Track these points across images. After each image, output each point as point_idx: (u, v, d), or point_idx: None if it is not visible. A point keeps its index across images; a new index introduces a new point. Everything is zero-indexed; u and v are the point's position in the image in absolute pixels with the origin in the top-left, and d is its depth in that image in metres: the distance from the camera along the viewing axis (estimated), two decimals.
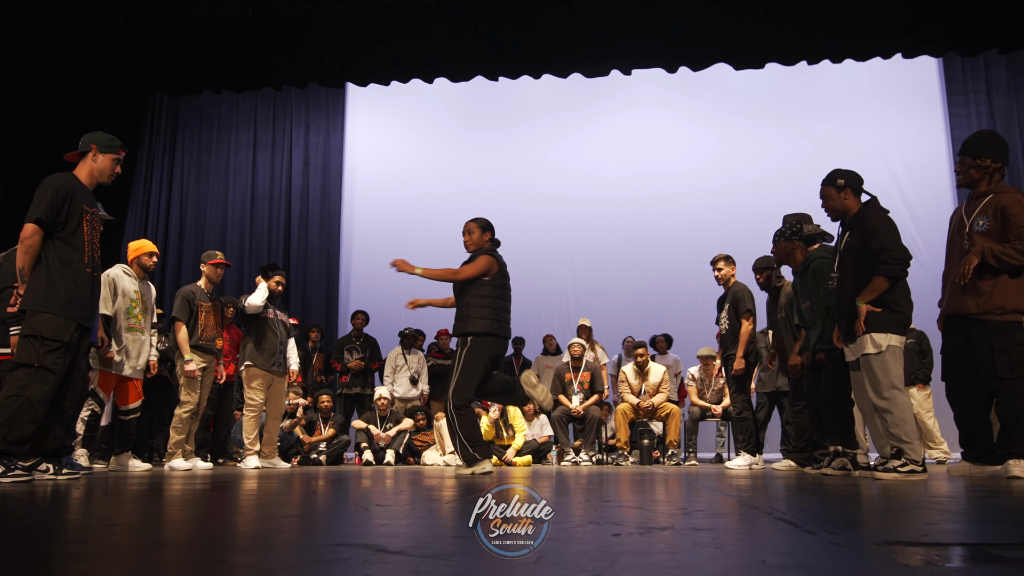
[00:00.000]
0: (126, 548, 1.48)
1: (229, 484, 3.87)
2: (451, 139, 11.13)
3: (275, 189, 10.76)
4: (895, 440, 3.75)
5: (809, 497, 2.71)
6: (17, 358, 3.75)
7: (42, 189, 3.84)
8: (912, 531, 1.64)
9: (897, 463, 3.73)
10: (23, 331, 3.71)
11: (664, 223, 10.36)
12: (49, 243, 3.80)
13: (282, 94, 10.59)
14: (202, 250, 10.09)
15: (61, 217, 3.82)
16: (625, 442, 7.60)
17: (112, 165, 4.10)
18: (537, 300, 10.45)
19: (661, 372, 7.87)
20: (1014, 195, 3.79)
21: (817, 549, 1.37)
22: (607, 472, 5.43)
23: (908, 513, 2.08)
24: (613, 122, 10.88)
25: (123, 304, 5.42)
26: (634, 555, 1.30)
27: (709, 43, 8.70)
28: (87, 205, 3.95)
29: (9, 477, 3.57)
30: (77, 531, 1.82)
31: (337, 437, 7.85)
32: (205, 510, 2.42)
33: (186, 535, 1.75)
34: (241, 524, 1.94)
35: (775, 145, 10.36)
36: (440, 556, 1.31)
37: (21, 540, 1.62)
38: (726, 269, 6.23)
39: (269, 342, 6.42)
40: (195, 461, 6.11)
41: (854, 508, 2.36)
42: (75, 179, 3.98)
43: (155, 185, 10.55)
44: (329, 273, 10.57)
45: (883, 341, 3.78)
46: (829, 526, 1.73)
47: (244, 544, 1.52)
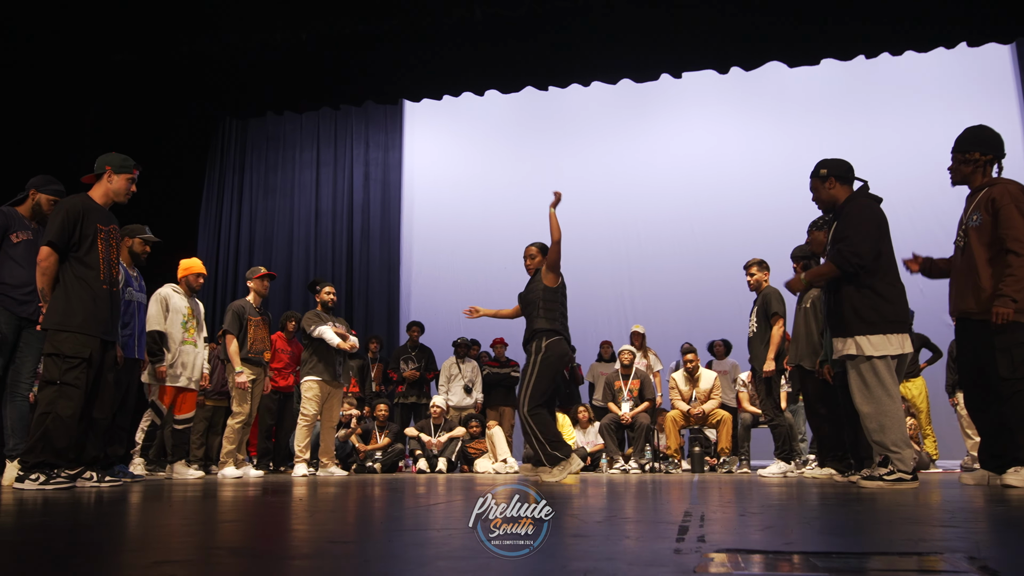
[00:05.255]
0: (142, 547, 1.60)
1: (278, 490, 4.03)
2: (505, 149, 11.25)
3: (337, 205, 11.13)
4: (880, 448, 3.61)
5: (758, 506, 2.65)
6: (43, 377, 4.00)
7: (54, 213, 4.08)
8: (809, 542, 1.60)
9: (883, 471, 3.58)
10: (46, 350, 3.95)
11: (721, 226, 10.18)
12: (66, 264, 4.02)
13: (341, 113, 10.95)
14: (270, 266, 10.55)
15: (74, 238, 4.02)
16: (676, 449, 7.50)
17: (127, 185, 4.27)
18: (594, 307, 10.44)
19: (712, 378, 7.73)
20: (1004, 186, 3.62)
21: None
22: (640, 479, 5.38)
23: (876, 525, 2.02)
24: (666, 126, 10.78)
25: (175, 319, 5.73)
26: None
27: (760, 42, 8.51)
28: (101, 224, 4.13)
29: (51, 484, 3.83)
30: (110, 534, 1.92)
31: (392, 445, 8.04)
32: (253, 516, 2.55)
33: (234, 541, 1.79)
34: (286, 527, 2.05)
35: (835, 143, 9.92)
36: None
37: (55, 542, 1.72)
38: (759, 274, 6.10)
39: (328, 355, 6.65)
40: (246, 469, 6.37)
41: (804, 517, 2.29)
42: (87, 200, 4.17)
43: (226, 204, 11.08)
44: (390, 285, 10.84)
45: (866, 344, 3.64)
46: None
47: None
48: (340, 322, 6.93)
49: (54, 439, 3.88)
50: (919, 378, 7.79)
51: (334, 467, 6.86)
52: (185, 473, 5.89)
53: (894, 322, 3.75)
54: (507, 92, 9.58)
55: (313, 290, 6.89)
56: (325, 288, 6.88)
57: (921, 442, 7.68)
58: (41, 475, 3.84)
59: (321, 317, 6.69)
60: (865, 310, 3.74)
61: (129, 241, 5.19)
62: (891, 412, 3.67)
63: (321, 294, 6.85)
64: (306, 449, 6.61)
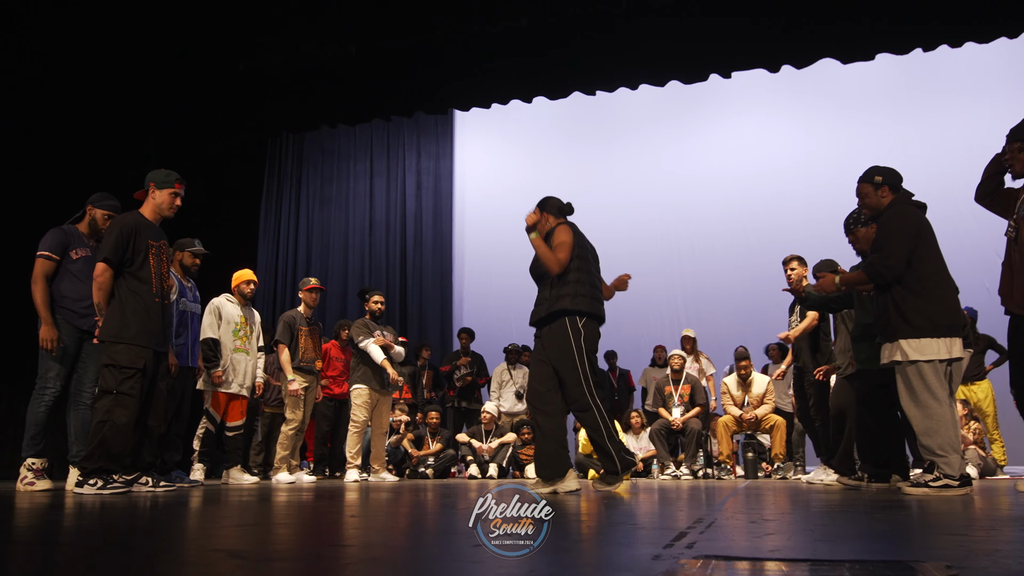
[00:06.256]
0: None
1: (329, 495, 4.14)
2: (555, 155, 11.26)
3: (390, 214, 11.31)
4: (927, 452, 3.50)
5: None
6: (100, 386, 4.19)
7: (108, 230, 4.29)
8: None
9: (929, 477, 3.47)
10: (103, 361, 4.14)
11: (775, 227, 9.97)
12: (120, 279, 4.21)
13: (393, 124, 11.14)
14: (327, 276, 10.79)
15: (128, 254, 4.21)
16: (728, 455, 7.38)
17: (170, 199, 4.42)
18: (646, 311, 10.37)
19: (765, 382, 7.59)
20: None
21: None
22: (687, 485, 5.32)
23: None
24: (716, 127, 10.64)
25: (228, 328, 5.93)
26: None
27: (811, 38, 8.33)
28: (152, 240, 4.31)
29: (109, 489, 4.01)
30: (158, 537, 2.01)
31: (444, 451, 8.13)
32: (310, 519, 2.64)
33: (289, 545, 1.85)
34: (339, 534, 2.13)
35: (892, 140, 9.74)
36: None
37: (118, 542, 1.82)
38: (799, 269, 5.95)
39: (375, 363, 6.77)
40: (299, 475, 6.53)
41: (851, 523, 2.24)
42: (139, 217, 4.36)
43: (284, 216, 11.38)
44: (443, 292, 10.96)
45: (912, 348, 3.54)
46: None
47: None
48: (388, 330, 7.04)
49: (111, 446, 4.06)
50: (984, 381, 7.51)
51: (385, 472, 6.97)
52: (241, 478, 6.07)
53: (942, 326, 3.66)
54: (555, 98, 9.60)
55: (363, 298, 7.04)
56: (373, 297, 7.01)
57: (987, 447, 7.40)
58: (99, 480, 4.02)
59: (369, 326, 6.81)
60: (912, 314, 3.67)
61: (180, 255, 5.39)
62: (938, 416, 3.57)
63: (369, 303, 6.99)
64: (357, 455, 6.74)
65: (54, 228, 4.77)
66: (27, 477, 4.50)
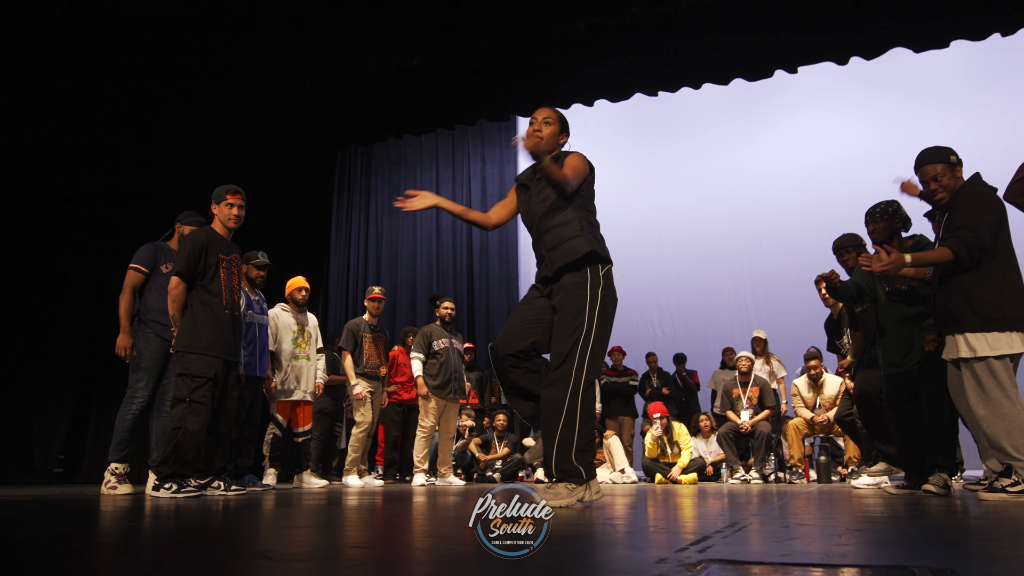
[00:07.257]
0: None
1: (397, 498, 4.25)
2: (619, 158, 11.19)
3: (457, 222, 11.45)
4: (1002, 455, 3.32)
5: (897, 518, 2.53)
6: (174, 394, 4.40)
7: (181, 246, 4.53)
8: None
9: (1007, 482, 3.30)
10: (177, 370, 4.37)
11: (848, 224, 9.59)
12: (193, 292, 4.44)
13: (457, 132, 11.30)
14: (397, 284, 11.03)
15: (199, 268, 4.43)
16: (799, 459, 7.21)
17: (227, 211, 4.62)
18: (716, 312, 10.22)
19: (837, 384, 7.37)
20: None
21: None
22: (751, 490, 5.22)
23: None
24: (782, 123, 10.40)
25: (286, 336, 6.13)
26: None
27: (880, 28, 8.07)
28: (223, 254, 4.54)
29: (182, 493, 4.22)
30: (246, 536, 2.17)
31: (511, 455, 8.19)
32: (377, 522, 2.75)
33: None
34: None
35: (971, 129, 9.31)
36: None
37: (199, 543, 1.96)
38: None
39: (443, 370, 6.90)
40: (368, 479, 6.69)
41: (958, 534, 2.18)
42: (211, 232, 4.59)
43: (355, 227, 11.68)
44: (509, 298, 11.03)
45: (980, 342, 3.37)
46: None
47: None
48: (456, 337, 7.15)
49: (184, 452, 4.27)
50: None
51: (452, 476, 7.08)
52: (311, 482, 6.26)
53: (1015, 319, 3.49)
54: (616, 101, 9.56)
55: (433, 304, 7.20)
56: (443, 303, 7.14)
57: None
58: (173, 484, 4.23)
59: (432, 335, 6.90)
60: (983, 304, 3.48)
61: (244, 267, 5.61)
62: (1011, 416, 3.40)
63: (440, 308, 7.12)
64: (424, 459, 6.86)
65: (147, 243, 5.05)
66: (110, 481, 4.76)
